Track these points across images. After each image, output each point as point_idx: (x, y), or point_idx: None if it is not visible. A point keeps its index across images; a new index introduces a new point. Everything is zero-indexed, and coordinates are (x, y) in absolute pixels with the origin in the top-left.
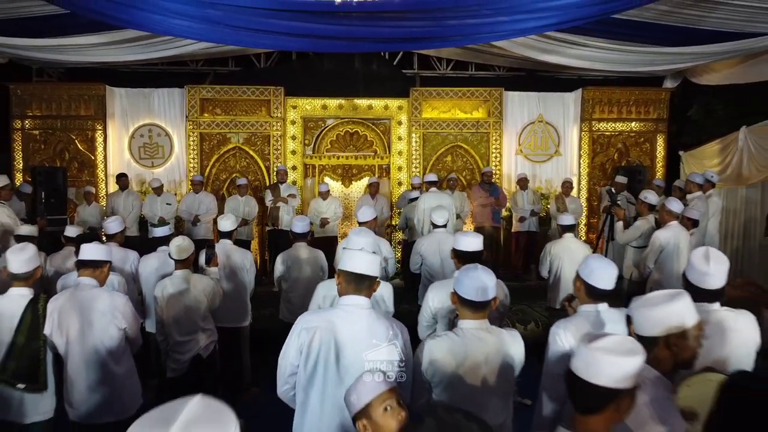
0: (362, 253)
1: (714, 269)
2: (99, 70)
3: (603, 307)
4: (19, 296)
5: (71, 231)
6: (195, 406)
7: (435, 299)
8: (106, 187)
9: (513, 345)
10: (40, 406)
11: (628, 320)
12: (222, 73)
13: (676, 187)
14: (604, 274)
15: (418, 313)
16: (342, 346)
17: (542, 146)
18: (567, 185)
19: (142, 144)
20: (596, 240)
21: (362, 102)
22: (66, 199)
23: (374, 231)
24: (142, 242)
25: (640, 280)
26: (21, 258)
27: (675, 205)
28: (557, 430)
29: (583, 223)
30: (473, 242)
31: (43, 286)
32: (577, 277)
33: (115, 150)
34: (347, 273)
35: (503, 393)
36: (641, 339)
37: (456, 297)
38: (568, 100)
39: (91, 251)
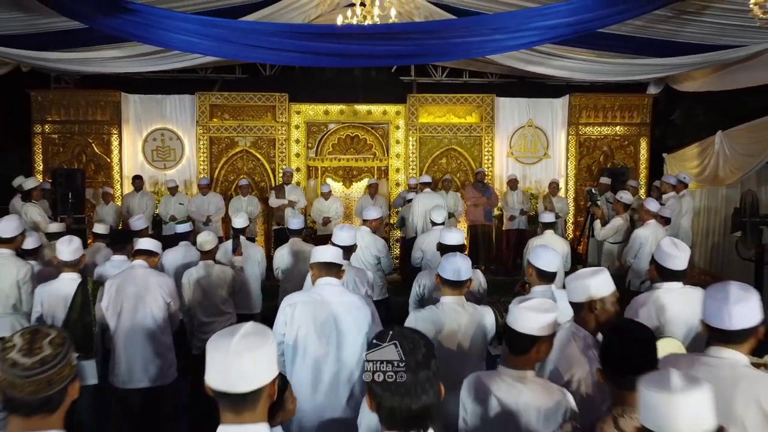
0: (329, 248)
1: (679, 254)
2: (113, 77)
3: (551, 287)
4: (70, 280)
5: (100, 228)
6: (248, 325)
7: (421, 284)
8: (122, 187)
9: (485, 317)
10: (89, 373)
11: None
12: (229, 80)
13: (654, 188)
14: (550, 260)
15: None
16: (319, 314)
17: (532, 149)
18: (554, 186)
19: (155, 147)
20: (579, 236)
21: (362, 107)
22: (84, 199)
23: (376, 230)
24: (158, 239)
25: (618, 273)
26: (70, 248)
27: (652, 204)
28: (498, 367)
29: (571, 221)
30: (455, 237)
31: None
32: (529, 264)
33: (129, 153)
34: (319, 263)
35: (476, 354)
36: (572, 304)
37: (438, 278)
38: (556, 105)
39: (147, 243)
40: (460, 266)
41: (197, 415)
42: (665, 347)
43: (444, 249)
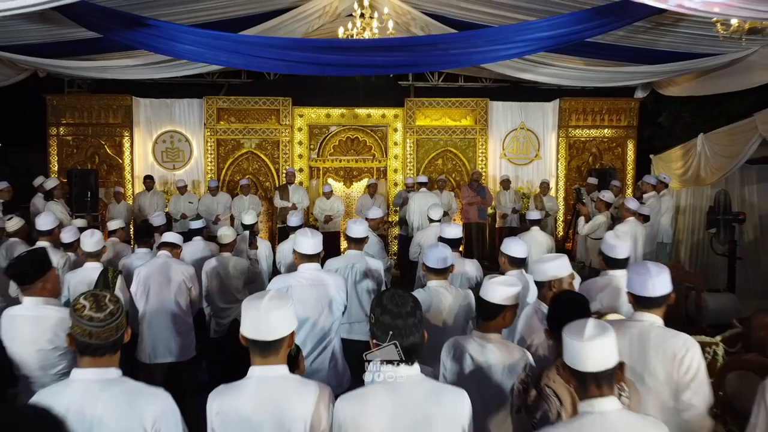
0: (310, 240)
1: (621, 244)
2: (125, 81)
3: (522, 271)
4: (93, 268)
5: (114, 224)
6: (273, 291)
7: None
8: (133, 187)
9: (467, 298)
10: None
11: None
12: (235, 85)
13: (636, 187)
14: (518, 249)
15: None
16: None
17: (524, 151)
18: (544, 186)
19: (164, 149)
20: (566, 231)
21: (362, 111)
22: (97, 198)
23: (376, 228)
24: None
25: (600, 267)
26: (92, 240)
27: (632, 203)
28: (471, 332)
29: (561, 219)
30: (453, 231)
31: None
32: (501, 254)
33: (140, 154)
34: (300, 254)
35: (458, 329)
36: (536, 283)
37: (425, 267)
38: (547, 109)
39: (171, 237)
40: (443, 256)
41: None
42: (609, 318)
43: (444, 242)
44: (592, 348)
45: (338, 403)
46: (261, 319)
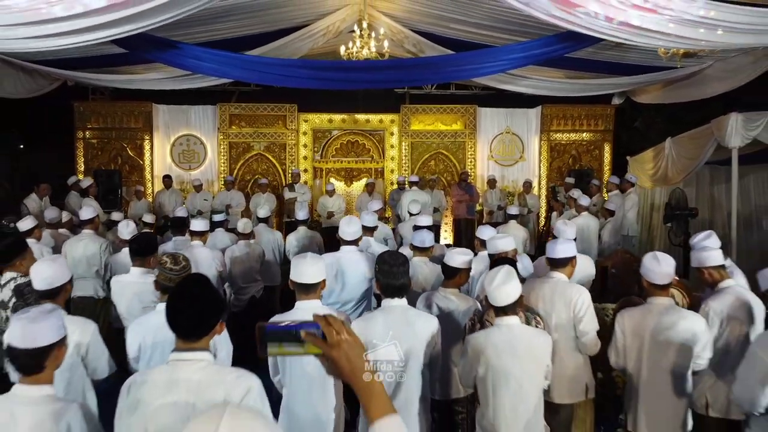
0: (308, 269)
1: (567, 229)
2: (144, 89)
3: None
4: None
5: (148, 218)
6: (310, 253)
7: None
8: (152, 186)
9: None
10: None
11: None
12: (245, 92)
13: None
14: (487, 233)
15: None
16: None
17: (509, 153)
18: (527, 185)
19: (181, 151)
20: (545, 226)
21: (361, 116)
22: (121, 196)
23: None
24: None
25: None
26: (128, 230)
27: (583, 200)
28: (438, 290)
29: (543, 215)
30: (425, 220)
31: None
32: (475, 238)
33: (159, 156)
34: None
35: None
36: (489, 255)
37: (411, 245)
38: (530, 114)
39: (200, 225)
40: (424, 238)
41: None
42: None
43: (419, 228)
44: (498, 291)
45: (353, 324)
46: (304, 268)
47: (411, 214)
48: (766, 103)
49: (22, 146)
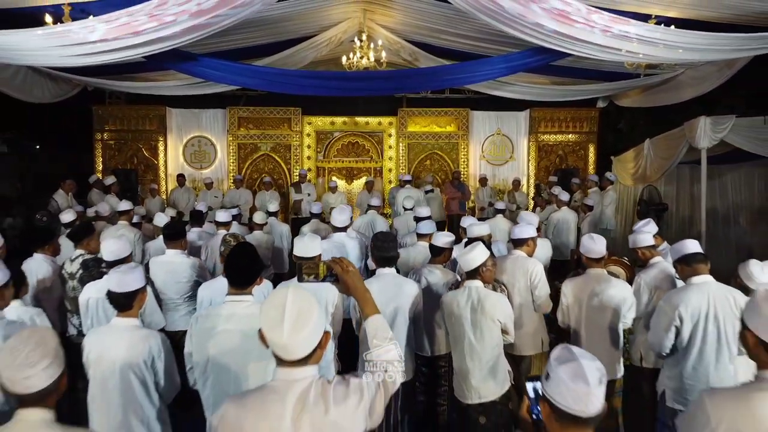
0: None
1: (531, 219)
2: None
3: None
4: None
5: (171, 212)
6: (309, 233)
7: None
8: (166, 184)
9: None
10: None
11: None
12: (252, 96)
13: (583, 184)
14: (472, 223)
15: None
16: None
17: (500, 153)
18: (516, 183)
19: (192, 151)
20: None
21: (361, 119)
22: (137, 194)
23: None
24: None
25: None
26: (164, 221)
27: (563, 196)
28: (426, 266)
29: (531, 210)
30: (425, 211)
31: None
32: (460, 228)
33: (172, 156)
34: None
35: None
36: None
37: (417, 234)
38: (519, 117)
39: (223, 216)
40: (427, 226)
41: None
42: None
43: (418, 219)
44: (464, 258)
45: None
46: (303, 245)
47: (405, 209)
48: (740, 106)
49: (38, 146)
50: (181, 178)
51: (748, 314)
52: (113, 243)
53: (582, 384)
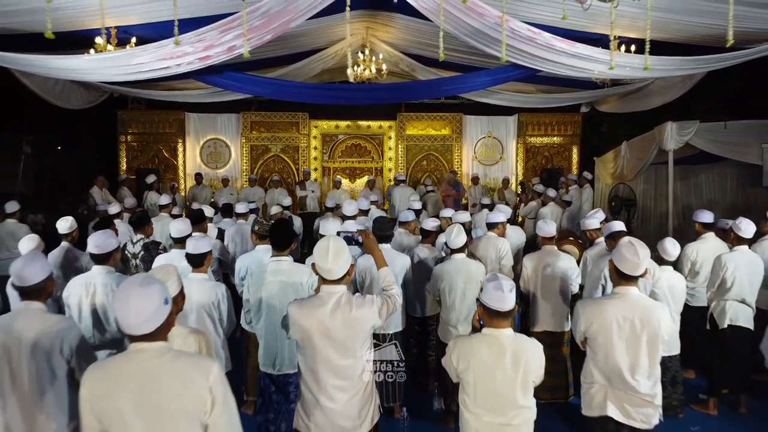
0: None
1: (506, 209)
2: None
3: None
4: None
5: (195, 206)
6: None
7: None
8: (185, 182)
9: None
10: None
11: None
12: (263, 102)
13: (562, 182)
14: (459, 214)
15: None
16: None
17: (491, 154)
18: (505, 181)
19: (209, 152)
20: (515, 215)
21: (363, 123)
22: (159, 190)
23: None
24: None
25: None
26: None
27: (551, 192)
28: (418, 245)
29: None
30: (418, 203)
31: None
32: (445, 218)
33: (190, 156)
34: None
35: None
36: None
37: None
38: (509, 121)
39: (242, 208)
40: (408, 215)
41: None
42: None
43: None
44: (452, 242)
45: (359, 258)
46: (328, 226)
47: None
48: (716, 112)
49: (59, 148)
50: (199, 177)
51: (614, 253)
52: (179, 223)
53: (500, 291)
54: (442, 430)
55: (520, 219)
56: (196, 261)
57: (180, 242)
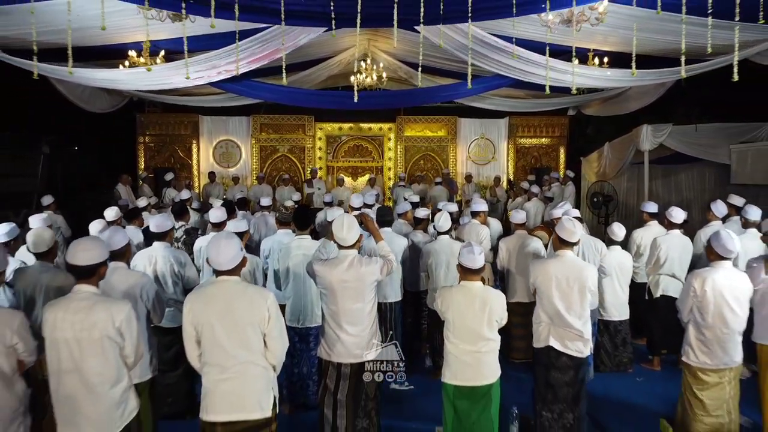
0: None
1: (482, 200)
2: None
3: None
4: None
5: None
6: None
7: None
8: (199, 180)
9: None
10: None
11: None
12: (271, 105)
13: (545, 180)
14: (441, 205)
15: None
16: None
17: (483, 154)
18: (497, 180)
19: (221, 152)
20: (504, 210)
21: (365, 125)
22: (175, 188)
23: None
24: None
25: None
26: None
27: (535, 189)
28: (412, 231)
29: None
30: (415, 197)
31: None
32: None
33: (203, 156)
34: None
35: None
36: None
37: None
38: (500, 123)
39: (267, 201)
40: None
41: None
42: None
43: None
44: (440, 227)
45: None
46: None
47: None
48: (693, 116)
49: (76, 148)
50: (212, 175)
51: (557, 226)
52: (217, 211)
53: (472, 254)
54: (432, 381)
55: (509, 213)
56: (240, 236)
57: (217, 226)
